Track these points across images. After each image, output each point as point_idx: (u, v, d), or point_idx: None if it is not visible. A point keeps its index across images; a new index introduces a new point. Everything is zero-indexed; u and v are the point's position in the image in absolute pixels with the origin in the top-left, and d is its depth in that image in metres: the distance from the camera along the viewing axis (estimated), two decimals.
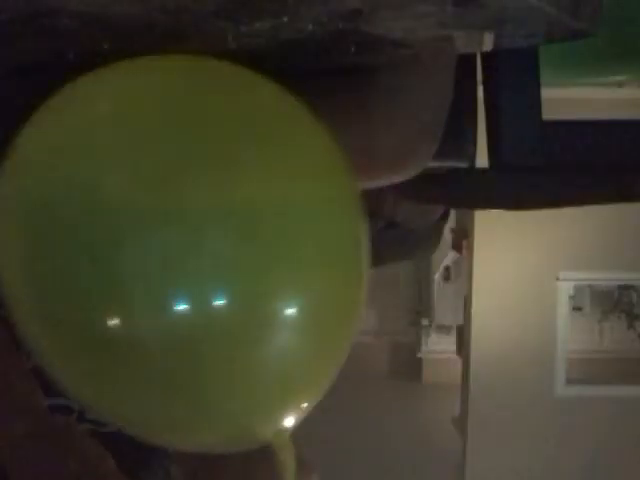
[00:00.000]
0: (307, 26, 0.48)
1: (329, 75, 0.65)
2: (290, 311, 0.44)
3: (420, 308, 6.51)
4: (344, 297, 0.47)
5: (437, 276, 6.11)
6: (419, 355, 6.57)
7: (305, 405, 0.48)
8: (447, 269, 6.00)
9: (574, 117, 0.95)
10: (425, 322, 6.43)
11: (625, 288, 5.57)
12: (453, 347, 5.53)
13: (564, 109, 1.42)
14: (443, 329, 6.30)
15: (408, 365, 6.60)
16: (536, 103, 0.87)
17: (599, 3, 0.51)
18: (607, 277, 4.70)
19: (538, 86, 0.87)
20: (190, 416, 0.46)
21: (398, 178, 0.71)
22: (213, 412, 0.46)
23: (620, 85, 3.50)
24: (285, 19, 0.47)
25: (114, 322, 0.42)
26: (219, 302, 0.42)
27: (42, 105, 0.47)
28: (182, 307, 0.41)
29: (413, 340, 6.62)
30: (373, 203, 1.41)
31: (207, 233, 0.42)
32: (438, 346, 6.34)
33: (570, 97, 3.25)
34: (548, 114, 0.87)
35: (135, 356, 0.43)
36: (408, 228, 1.44)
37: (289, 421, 0.48)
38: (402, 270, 6.26)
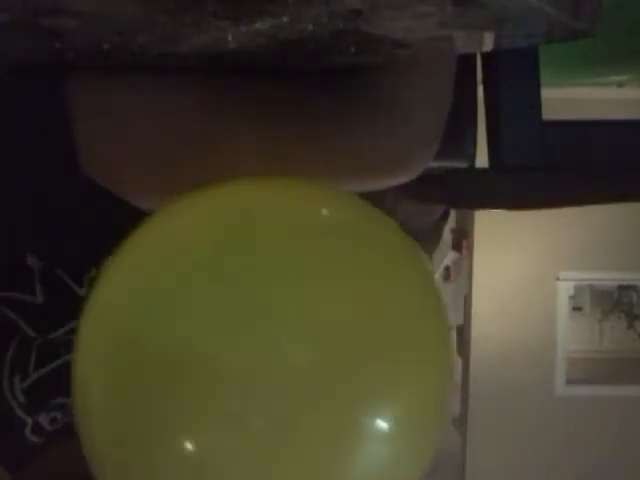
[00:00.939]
0: (307, 26, 0.48)
1: (329, 75, 0.65)
2: (378, 422, 0.42)
3: None
4: (433, 405, 0.46)
5: (437, 276, 6.11)
6: None
7: None
8: (447, 269, 5.99)
9: (574, 117, 0.94)
10: None
11: (625, 288, 5.56)
12: (453, 347, 5.54)
13: (564, 109, 1.42)
14: None
15: None
16: (536, 103, 0.87)
17: (599, 3, 0.51)
18: (607, 277, 4.70)
19: (538, 86, 0.87)
20: None
21: (400, 180, 0.71)
22: None
23: (620, 85, 3.50)
24: (285, 19, 0.47)
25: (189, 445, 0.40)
26: (298, 414, 0.40)
27: (126, 241, 0.46)
28: (259, 422, 0.39)
29: None
30: (373, 203, 1.41)
31: (285, 347, 0.40)
32: None
33: (570, 97, 3.25)
34: (548, 114, 0.87)
35: (211, 477, 0.41)
36: (408, 228, 1.44)
37: None
38: None
